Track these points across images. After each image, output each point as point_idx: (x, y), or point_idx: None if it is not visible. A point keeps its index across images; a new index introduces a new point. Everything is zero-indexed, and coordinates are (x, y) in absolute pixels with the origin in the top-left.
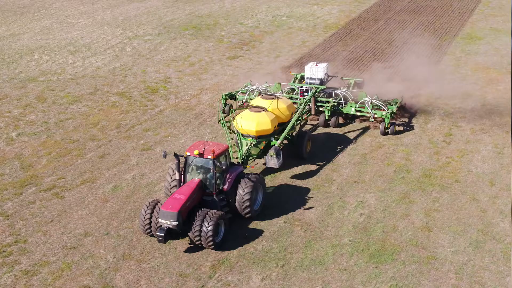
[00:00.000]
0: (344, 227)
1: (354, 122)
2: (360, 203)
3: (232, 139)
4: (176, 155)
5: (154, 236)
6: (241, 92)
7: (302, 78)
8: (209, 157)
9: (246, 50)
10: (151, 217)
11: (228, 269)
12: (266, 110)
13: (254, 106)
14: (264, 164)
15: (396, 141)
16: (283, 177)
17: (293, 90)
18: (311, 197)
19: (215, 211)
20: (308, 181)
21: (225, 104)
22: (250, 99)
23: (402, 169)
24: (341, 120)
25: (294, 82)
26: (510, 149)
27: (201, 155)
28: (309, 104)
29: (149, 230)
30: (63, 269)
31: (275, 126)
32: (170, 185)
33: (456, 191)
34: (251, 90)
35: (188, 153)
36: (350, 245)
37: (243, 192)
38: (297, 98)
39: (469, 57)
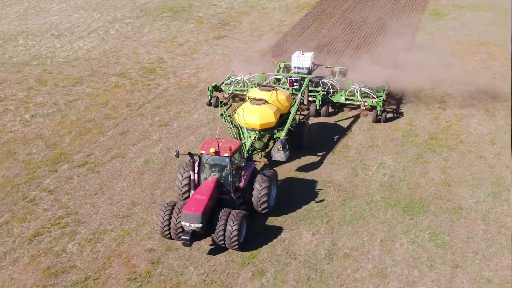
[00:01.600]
0: (372, 186)
1: (343, 110)
2: (380, 164)
3: (236, 133)
4: (190, 154)
5: (172, 239)
6: (226, 84)
7: (285, 67)
8: (226, 154)
9: (229, 30)
10: (170, 220)
11: (278, 227)
12: (268, 102)
13: (254, 99)
14: (264, 157)
15: (396, 109)
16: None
17: (278, 80)
18: (334, 162)
19: (238, 210)
20: (325, 152)
21: (211, 97)
22: (236, 90)
23: (409, 133)
24: (330, 109)
25: (278, 71)
26: (500, 112)
27: (217, 153)
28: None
29: (168, 233)
30: (123, 235)
31: (278, 118)
32: (181, 185)
33: (463, 151)
34: (237, 81)
35: (203, 151)
36: (382, 201)
37: (260, 188)
38: (284, 88)
39: (441, 32)
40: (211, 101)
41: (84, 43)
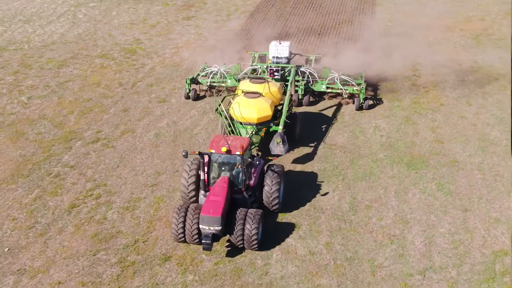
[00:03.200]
0: (373, 146)
1: (323, 99)
2: (376, 127)
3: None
4: (201, 154)
5: (186, 242)
6: (202, 76)
7: (260, 57)
8: (238, 153)
9: (196, 11)
10: (184, 223)
11: (298, 186)
12: (262, 95)
13: (248, 92)
14: (258, 152)
15: (376, 78)
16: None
17: (254, 70)
18: (333, 127)
19: (254, 210)
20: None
21: (190, 90)
22: (213, 82)
23: (393, 99)
24: (310, 98)
25: (252, 61)
26: (469, 77)
27: (229, 151)
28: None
29: (182, 237)
30: (158, 202)
31: (273, 111)
32: (188, 187)
33: (446, 112)
34: (214, 73)
35: (213, 151)
36: (386, 159)
37: (270, 185)
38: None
39: (398, 7)
40: (189, 94)
41: (56, 27)
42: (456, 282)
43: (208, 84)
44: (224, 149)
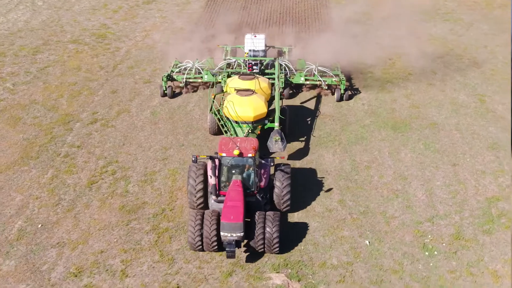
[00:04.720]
0: (358, 114)
1: (302, 91)
2: (356, 97)
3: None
4: (211, 158)
5: (203, 251)
6: (177, 72)
7: (232, 50)
8: (250, 155)
9: None
10: (201, 231)
11: (300, 151)
12: (254, 92)
13: (240, 90)
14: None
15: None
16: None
17: (228, 65)
18: (320, 101)
19: (273, 212)
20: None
21: (166, 87)
22: (189, 78)
23: (366, 70)
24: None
25: (225, 55)
26: (429, 48)
27: (241, 154)
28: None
29: (200, 245)
30: (173, 174)
31: (268, 107)
32: (196, 194)
33: (415, 80)
34: (190, 69)
35: (224, 154)
36: (373, 124)
37: (281, 186)
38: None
39: None
40: (166, 91)
41: (17, 15)
42: (461, 225)
43: (184, 80)
44: (236, 152)
